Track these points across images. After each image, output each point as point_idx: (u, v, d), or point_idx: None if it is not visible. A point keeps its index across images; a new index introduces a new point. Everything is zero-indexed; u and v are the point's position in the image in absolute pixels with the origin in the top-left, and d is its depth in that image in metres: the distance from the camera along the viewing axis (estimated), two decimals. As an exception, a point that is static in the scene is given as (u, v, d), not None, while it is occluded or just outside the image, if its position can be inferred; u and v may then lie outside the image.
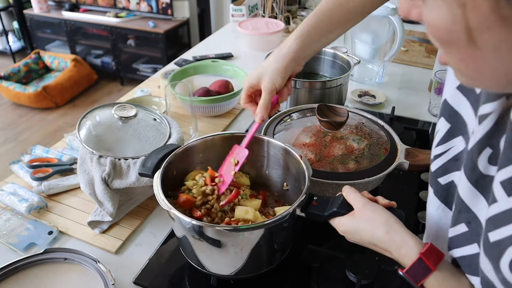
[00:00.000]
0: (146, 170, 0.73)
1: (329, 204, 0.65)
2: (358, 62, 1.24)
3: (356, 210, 0.61)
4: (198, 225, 0.61)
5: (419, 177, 0.98)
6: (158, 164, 0.73)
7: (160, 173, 0.70)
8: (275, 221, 0.62)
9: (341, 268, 0.74)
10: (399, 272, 0.53)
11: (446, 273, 0.51)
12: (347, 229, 0.61)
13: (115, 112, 0.92)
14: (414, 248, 0.53)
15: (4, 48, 4.04)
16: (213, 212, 0.72)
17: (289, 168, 0.79)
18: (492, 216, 0.43)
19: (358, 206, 0.60)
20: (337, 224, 0.62)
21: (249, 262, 0.67)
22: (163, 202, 0.65)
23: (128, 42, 3.52)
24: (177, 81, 1.17)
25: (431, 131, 1.20)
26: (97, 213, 0.84)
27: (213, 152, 0.81)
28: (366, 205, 0.60)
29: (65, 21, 3.53)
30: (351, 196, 0.62)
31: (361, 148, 0.88)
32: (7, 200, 0.89)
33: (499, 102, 0.47)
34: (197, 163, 0.81)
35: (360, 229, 0.59)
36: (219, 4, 3.45)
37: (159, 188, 0.67)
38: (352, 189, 0.64)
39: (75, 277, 0.72)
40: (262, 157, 0.82)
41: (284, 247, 0.72)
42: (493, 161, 0.47)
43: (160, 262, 0.78)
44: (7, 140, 2.95)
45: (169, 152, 0.75)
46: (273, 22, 1.77)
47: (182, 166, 0.78)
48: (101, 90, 3.61)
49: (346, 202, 0.63)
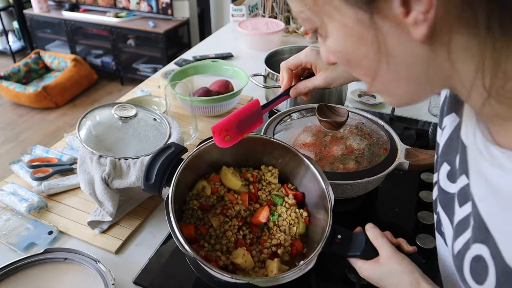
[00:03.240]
0: (151, 189, 0.65)
1: (352, 244, 0.62)
2: (358, 62, 1.24)
3: (382, 259, 0.59)
4: (219, 274, 0.58)
5: (419, 177, 0.98)
6: (163, 177, 0.65)
7: (171, 198, 0.61)
8: (293, 275, 0.59)
9: (341, 268, 0.74)
10: None
11: None
12: (370, 275, 0.60)
13: (115, 112, 0.92)
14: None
15: (4, 48, 4.04)
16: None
17: (310, 194, 0.75)
18: (454, 228, 0.44)
19: (385, 255, 0.59)
20: (360, 268, 0.61)
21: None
22: (184, 248, 0.58)
23: (128, 42, 3.52)
24: (177, 81, 1.17)
25: (431, 131, 1.20)
26: (97, 213, 0.84)
27: (216, 150, 0.73)
28: (394, 256, 0.58)
29: (65, 21, 3.53)
30: (379, 241, 0.61)
31: (361, 148, 0.88)
32: (7, 200, 0.89)
33: (450, 116, 0.48)
34: (202, 162, 0.74)
35: (384, 279, 0.58)
36: (219, 4, 3.45)
37: (178, 231, 0.59)
38: (378, 232, 0.62)
39: (75, 277, 0.72)
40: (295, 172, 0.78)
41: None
42: (451, 178, 0.47)
43: (160, 262, 0.78)
44: (7, 140, 2.95)
45: (174, 164, 0.67)
46: (273, 22, 1.77)
47: (186, 167, 0.70)
48: (101, 90, 3.61)
49: (370, 246, 0.61)
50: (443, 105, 0.53)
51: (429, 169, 0.99)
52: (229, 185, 0.75)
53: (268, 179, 0.77)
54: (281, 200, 0.74)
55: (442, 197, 0.50)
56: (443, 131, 0.52)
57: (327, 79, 0.73)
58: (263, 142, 0.76)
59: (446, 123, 0.51)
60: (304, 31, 1.87)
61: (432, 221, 0.85)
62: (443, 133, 0.51)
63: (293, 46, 1.31)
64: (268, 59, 1.22)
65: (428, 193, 0.92)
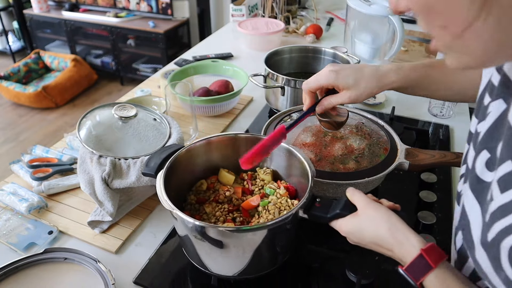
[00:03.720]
0: (149, 170, 0.72)
1: (332, 206, 0.64)
2: (358, 62, 1.24)
3: (359, 209, 0.60)
4: (200, 226, 0.61)
5: (419, 177, 0.98)
6: (162, 164, 0.72)
7: (163, 173, 0.70)
8: (278, 222, 0.62)
9: (341, 268, 0.74)
10: (399, 269, 0.52)
11: (447, 272, 0.50)
12: (349, 229, 0.60)
13: (115, 112, 0.92)
14: (416, 246, 0.52)
15: (4, 48, 4.04)
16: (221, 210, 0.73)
17: (292, 169, 0.79)
18: (489, 215, 0.43)
19: (361, 205, 0.60)
20: (340, 225, 0.62)
21: (252, 263, 0.66)
22: (166, 203, 0.65)
23: (128, 42, 3.52)
24: (177, 81, 1.17)
25: (431, 131, 1.20)
26: (97, 213, 0.84)
27: (216, 153, 0.81)
28: (370, 204, 0.59)
29: (65, 21, 3.53)
30: (356, 196, 0.62)
31: (361, 148, 0.88)
32: (7, 200, 0.89)
33: (497, 103, 0.47)
34: (201, 163, 0.81)
35: (363, 228, 0.59)
36: (219, 4, 3.45)
37: (162, 188, 0.67)
38: (357, 190, 0.63)
39: (75, 277, 0.72)
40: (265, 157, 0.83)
41: (286, 248, 0.72)
42: (490, 166, 0.46)
43: (160, 262, 0.78)
44: (7, 140, 2.95)
45: (172, 152, 0.75)
46: (273, 22, 1.77)
47: (186, 167, 0.78)
48: (101, 90, 3.61)
49: (349, 203, 0.62)
50: (484, 92, 0.51)
51: (429, 169, 0.99)
52: (223, 181, 0.81)
53: (261, 177, 0.81)
54: (273, 191, 0.76)
55: (475, 186, 0.48)
56: (485, 118, 0.49)
57: (351, 97, 0.73)
58: (253, 141, 0.79)
59: (491, 109, 0.49)
60: (304, 31, 1.87)
61: (432, 221, 0.85)
62: (487, 120, 0.48)
63: (293, 46, 1.31)
64: (268, 59, 1.22)
65: (428, 193, 0.92)
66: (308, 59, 1.31)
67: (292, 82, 1.12)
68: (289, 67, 1.31)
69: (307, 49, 1.31)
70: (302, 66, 1.32)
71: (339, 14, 2.17)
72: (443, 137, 1.17)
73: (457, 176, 1.01)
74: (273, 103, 1.21)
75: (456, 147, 1.14)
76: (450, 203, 0.91)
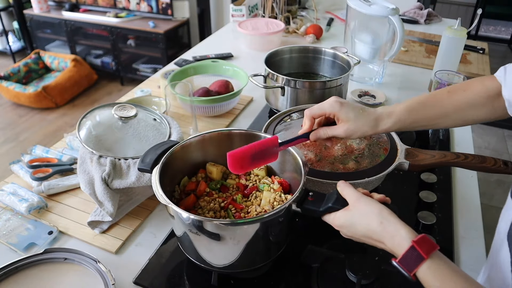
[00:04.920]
0: (145, 165, 0.73)
1: (324, 200, 0.66)
2: (358, 62, 1.24)
3: (351, 204, 0.61)
4: (196, 220, 0.62)
5: (419, 177, 0.98)
6: (157, 160, 0.73)
7: (159, 168, 0.71)
8: (271, 216, 0.63)
9: (341, 268, 0.74)
10: (393, 262, 0.54)
11: (440, 262, 0.51)
12: (342, 223, 0.62)
13: (115, 112, 0.92)
14: (407, 237, 0.54)
15: (4, 48, 4.04)
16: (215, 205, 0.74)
17: (286, 165, 0.79)
18: None
19: (352, 200, 0.61)
20: (332, 219, 0.63)
21: (246, 254, 0.67)
22: (161, 197, 0.65)
23: (128, 42, 3.52)
24: (177, 81, 1.17)
25: (431, 131, 1.20)
26: (97, 213, 0.84)
27: (211, 148, 0.82)
28: (360, 198, 0.61)
29: (65, 21, 3.53)
30: (346, 190, 0.63)
31: (361, 148, 0.88)
32: (7, 200, 0.89)
33: None
34: (196, 159, 0.82)
35: (354, 222, 0.60)
36: (219, 4, 3.45)
37: (157, 183, 0.68)
38: (347, 184, 0.64)
39: (75, 277, 0.72)
40: None
41: (280, 242, 0.73)
42: None
43: (160, 262, 0.78)
44: (7, 140, 2.95)
45: (168, 148, 0.76)
46: (273, 22, 1.77)
47: (181, 162, 0.79)
48: (101, 90, 3.61)
49: (341, 197, 0.64)
50: None
51: (429, 169, 0.99)
52: (210, 175, 0.82)
53: (256, 172, 0.82)
54: (267, 186, 0.77)
55: None
56: None
57: (347, 131, 0.74)
58: (247, 137, 0.80)
59: None
60: (304, 31, 1.87)
61: (432, 221, 0.85)
62: None
63: (293, 46, 1.31)
64: (268, 59, 1.22)
65: (428, 193, 0.92)
66: (308, 59, 1.31)
67: (292, 82, 1.12)
68: (289, 67, 1.31)
69: (307, 49, 1.31)
70: (302, 66, 1.32)
71: (339, 14, 2.18)
72: (443, 137, 1.17)
73: (457, 176, 1.01)
74: (273, 103, 1.22)
75: (456, 147, 1.14)
76: (450, 203, 0.91)
